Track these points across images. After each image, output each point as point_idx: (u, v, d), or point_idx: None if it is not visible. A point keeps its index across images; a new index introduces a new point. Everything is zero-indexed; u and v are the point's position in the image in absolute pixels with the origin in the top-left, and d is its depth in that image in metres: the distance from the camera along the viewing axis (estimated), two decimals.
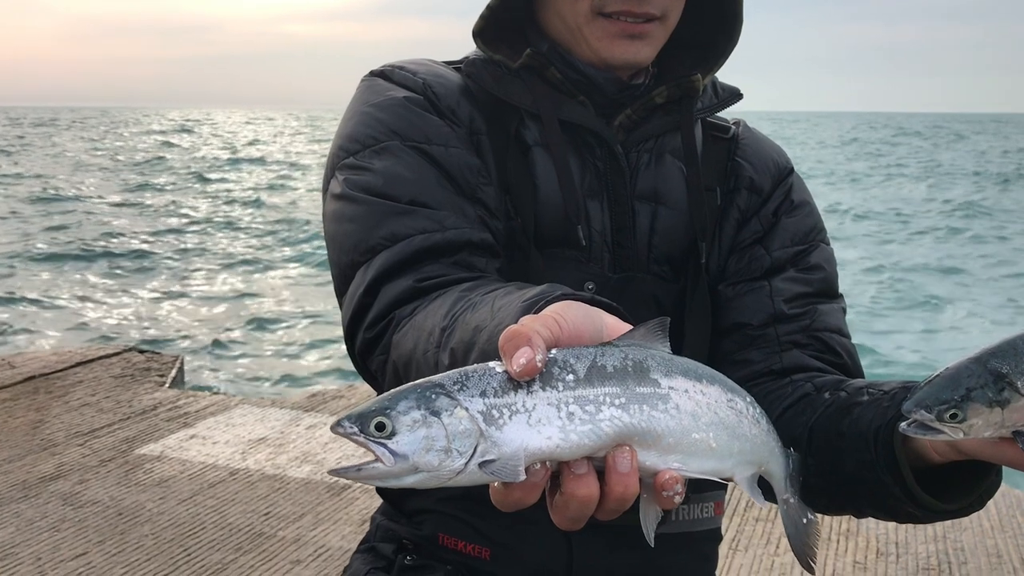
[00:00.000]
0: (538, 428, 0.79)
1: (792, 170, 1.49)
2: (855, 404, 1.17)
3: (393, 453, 0.79)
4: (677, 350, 1.37)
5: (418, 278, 1.19)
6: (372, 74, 1.40)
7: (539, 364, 0.77)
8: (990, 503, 4.28)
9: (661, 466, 0.83)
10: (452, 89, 1.35)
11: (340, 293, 1.29)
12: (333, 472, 0.81)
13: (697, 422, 0.85)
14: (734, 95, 1.46)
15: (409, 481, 0.80)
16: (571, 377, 0.80)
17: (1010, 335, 0.96)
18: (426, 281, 1.19)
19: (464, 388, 0.79)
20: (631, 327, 0.86)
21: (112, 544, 3.46)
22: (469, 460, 0.78)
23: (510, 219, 1.33)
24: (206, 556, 3.39)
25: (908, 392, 0.99)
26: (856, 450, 1.13)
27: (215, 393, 6.23)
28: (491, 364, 0.81)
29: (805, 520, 1.04)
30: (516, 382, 0.79)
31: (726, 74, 1.48)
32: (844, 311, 1.42)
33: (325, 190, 1.35)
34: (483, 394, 0.79)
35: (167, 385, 5.66)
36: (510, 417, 0.79)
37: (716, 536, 1.52)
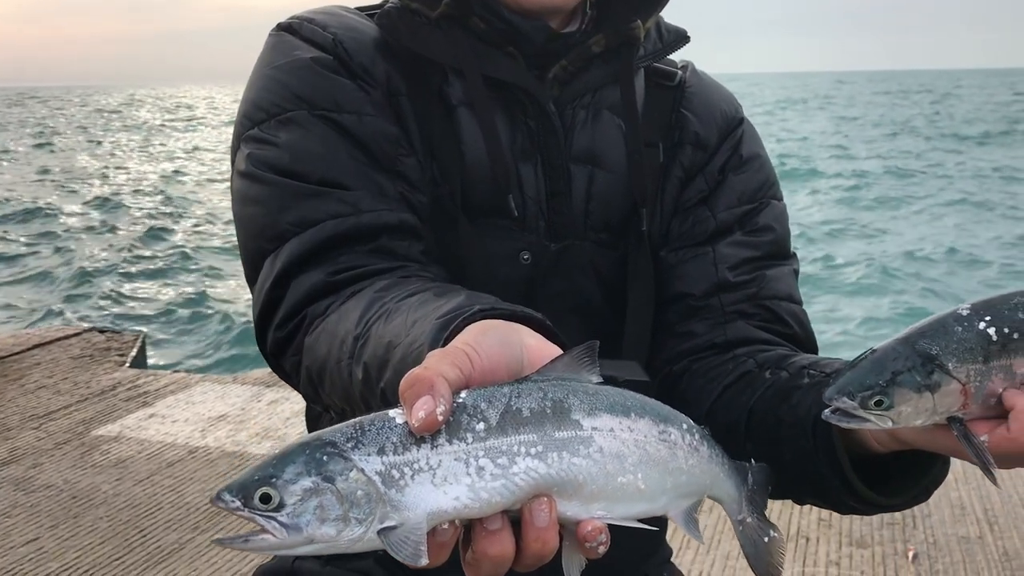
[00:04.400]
0: (444, 488, 0.71)
1: (742, 120, 1.38)
2: (795, 388, 1.10)
3: (284, 526, 0.71)
4: (619, 321, 1.30)
5: (331, 270, 1.10)
6: (279, 28, 1.28)
7: (440, 418, 0.70)
8: None
9: (583, 515, 0.76)
10: (366, 44, 1.23)
11: (250, 281, 1.19)
12: (218, 542, 0.74)
13: (623, 464, 0.77)
14: (680, 38, 1.34)
15: (303, 551, 0.73)
16: (481, 426, 0.72)
17: (940, 313, 0.89)
18: (340, 274, 1.09)
19: (359, 445, 0.71)
20: (555, 347, 0.79)
21: (65, 528, 3.38)
22: (370, 527, 0.71)
23: (437, 186, 1.22)
24: (162, 536, 3.32)
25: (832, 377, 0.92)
26: (794, 438, 1.07)
27: (176, 371, 6.13)
28: (391, 414, 0.73)
29: (767, 539, 0.95)
30: (419, 435, 0.71)
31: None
32: (796, 272, 1.33)
33: (233, 163, 1.24)
34: (381, 451, 0.71)
35: (127, 365, 5.56)
36: (412, 477, 0.71)
37: None
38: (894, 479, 1.04)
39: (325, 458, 0.71)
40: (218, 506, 0.72)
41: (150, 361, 6.39)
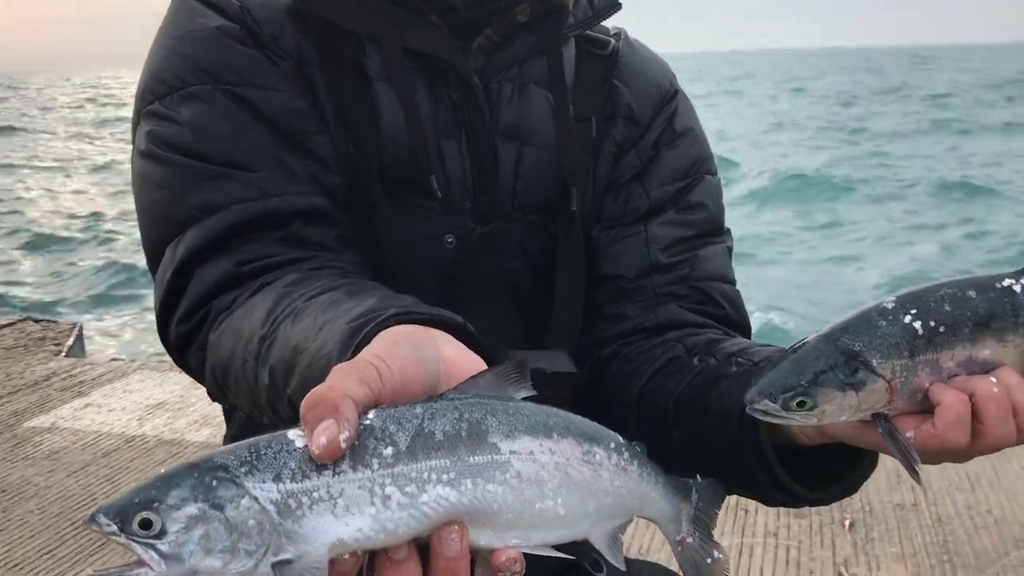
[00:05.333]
0: (346, 519, 0.66)
1: (676, 92, 1.33)
2: (722, 376, 1.07)
3: (164, 556, 0.65)
4: (551, 303, 1.24)
5: (238, 260, 1.03)
6: None
7: (344, 445, 0.64)
8: None
9: (498, 544, 0.71)
10: (276, 11, 1.15)
11: (152, 269, 1.12)
12: None
13: (542, 489, 0.72)
14: (612, 5, 1.27)
15: None
16: (389, 451, 0.67)
17: (865, 306, 0.86)
18: (247, 265, 1.03)
19: (254, 471, 0.65)
20: (475, 357, 0.73)
21: None
22: (261, 560, 0.65)
23: (354, 164, 1.15)
24: None
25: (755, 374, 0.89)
26: (721, 428, 1.03)
27: (113, 360, 6.01)
28: (290, 435, 0.67)
29: (709, 560, 0.89)
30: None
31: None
32: (729, 249, 1.30)
33: (134, 140, 1.16)
34: (277, 478, 0.65)
35: (63, 354, 5.43)
36: (311, 507, 0.65)
37: None
38: (822, 472, 1.02)
39: (215, 483, 0.65)
40: (92, 528, 0.66)
41: (89, 350, 6.25)
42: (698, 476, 0.91)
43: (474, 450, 0.69)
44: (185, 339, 1.06)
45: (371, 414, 0.67)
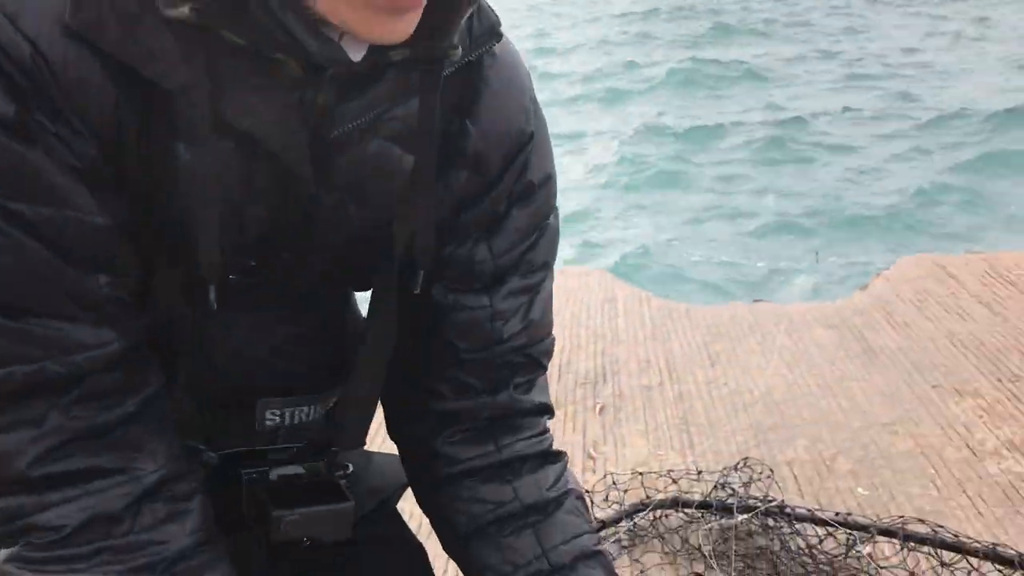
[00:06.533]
0: None
1: (532, 135, 1.12)
2: None
3: None
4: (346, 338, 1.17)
5: (31, 458, 0.89)
6: None
7: None
8: (646, 315, 4.49)
9: None
10: (78, 46, 0.87)
11: None
12: None
13: None
14: (491, 32, 1.04)
15: None
16: None
17: None
18: (45, 465, 0.89)
19: None
20: None
21: None
22: None
23: (148, 215, 0.95)
24: None
25: None
26: None
27: None
28: None
29: None
30: None
31: None
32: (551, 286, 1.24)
33: None
34: None
35: None
36: None
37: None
38: None
39: None
40: None
41: None
42: None
43: None
44: None
45: None
